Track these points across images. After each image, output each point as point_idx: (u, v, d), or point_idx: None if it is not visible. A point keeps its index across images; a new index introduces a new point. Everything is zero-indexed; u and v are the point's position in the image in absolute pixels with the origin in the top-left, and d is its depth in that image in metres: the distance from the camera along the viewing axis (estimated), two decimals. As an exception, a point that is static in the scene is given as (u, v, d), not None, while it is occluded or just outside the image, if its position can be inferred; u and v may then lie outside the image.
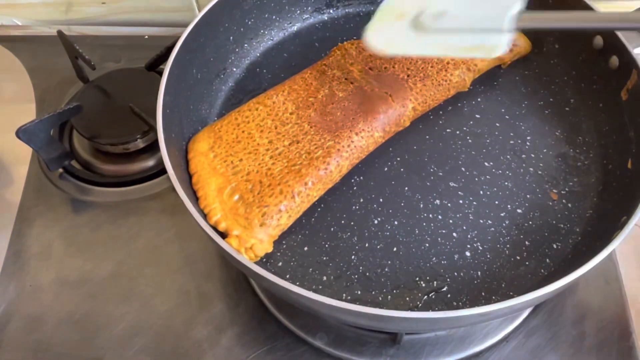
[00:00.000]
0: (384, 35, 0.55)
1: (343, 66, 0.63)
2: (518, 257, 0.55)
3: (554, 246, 0.56)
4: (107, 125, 0.71)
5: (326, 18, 0.76)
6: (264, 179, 0.55)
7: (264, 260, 0.55)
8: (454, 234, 0.56)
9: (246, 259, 0.47)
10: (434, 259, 0.55)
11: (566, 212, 0.58)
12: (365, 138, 0.58)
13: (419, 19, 0.55)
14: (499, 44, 0.52)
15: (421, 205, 0.58)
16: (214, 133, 0.59)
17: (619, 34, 0.59)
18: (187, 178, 0.57)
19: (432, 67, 0.64)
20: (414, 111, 0.62)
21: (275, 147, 0.57)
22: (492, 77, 0.68)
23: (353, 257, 0.55)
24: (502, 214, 0.58)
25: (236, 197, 0.54)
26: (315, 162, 0.56)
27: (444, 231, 0.56)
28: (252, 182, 0.54)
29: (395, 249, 0.55)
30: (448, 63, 0.64)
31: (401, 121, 0.61)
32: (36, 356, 0.59)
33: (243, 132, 0.58)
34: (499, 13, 0.52)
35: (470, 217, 0.58)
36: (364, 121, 0.59)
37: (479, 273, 0.54)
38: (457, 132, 0.63)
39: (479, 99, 0.66)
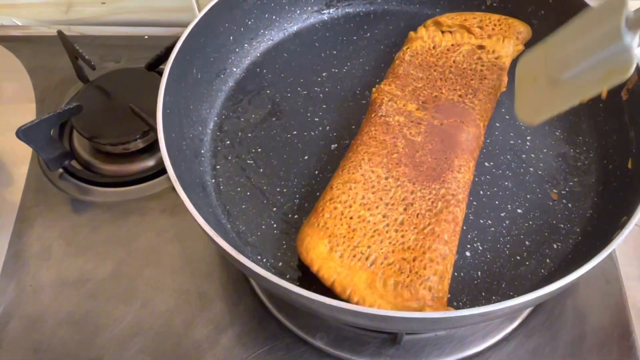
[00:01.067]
0: (531, 106, 0.54)
1: (400, 110, 0.60)
2: (518, 257, 0.55)
3: (554, 246, 0.56)
4: (107, 125, 0.71)
5: (326, 18, 0.76)
6: (405, 254, 0.51)
7: (264, 260, 0.56)
8: (454, 234, 0.56)
9: (246, 259, 0.46)
10: (434, 259, 0.55)
11: (566, 212, 0.58)
12: (465, 171, 0.56)
13: (552, 76, 0.53)
14: (628, 59, 0.47)
15: (421, 205, 0.58)
16: (323, 231, 0.52)
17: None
18: (193, 182, 0.56)
19: (472, 80, 0.63)
20: (484, 128, 0.61)
21: (393, 218, 0.53)
22: (492, 77, 0.68)
23: (353, 257, 0.55)
24: (502, 214, 0.58)
25: (391, 283, 0.49)
26: (442, 216, 0.53)
27: (444, 231, 0.56)
28: (396, 264, 0.50)
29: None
30: (482, 70, 0.64)
31: (480, 141, 0.60)
32: (36, 356, 0.59)
33: (351, 218, 0.53)
34: (612, 27, 0.48)
35: (470, 217, 0.58)
36: (456, 157, 0.56)
37: (479, 273, 0.54)
38: (457, 132, 0.63)
39: (479, 99, 0.66)
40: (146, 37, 0.88)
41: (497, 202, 0.59)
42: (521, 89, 0.55)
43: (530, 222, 0.57)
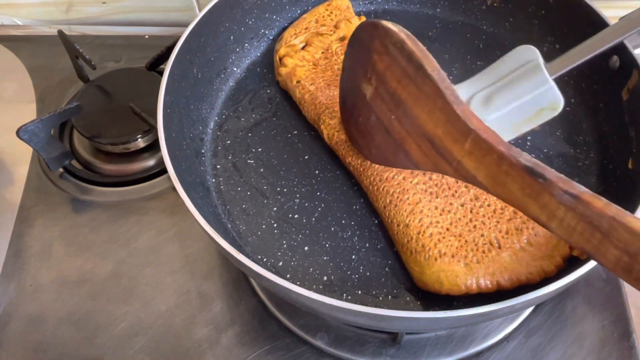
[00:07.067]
0: None
1: None
2: (518, 257, 0.55)
3: (555, 246, 0.56)
4: (108, 125, 0.71)
5: (326, 18, 0.76)
6: (505, 213, 0.53)
7: (264, 259, 0.56)
8: (455, 234, 0.56)
9: (246, 259, 0.46)
10: (435, 258, 0.55)
11: (566, 212, 0.58)
12: None
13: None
14: (557, 98, 0.54)
15: (421, 205, 0.58)
16: (447, 258, 0.50)
17: (620, 34, 0.59)
18: (194, 182, 0.56)
19: None
20: None
21: (468, 199, 0.53)
22: (493, 77, 0.68)
23: (354, 256, 0.55)
24: (502, 214, 0.58)
25: (525, 241, 0.51)
26: None
27: (444, 231, 0.56)
28: (510, 224, 0.52)
29: (395, 249, 0.55)
30: None
31: None
32: (36, 356, 0.59)
33: (448, 229, 0.52)
34: (530, 75, 0.54)
35: (471, 217, 0.57)
36: None
37: (480, 273, 0.54)
38: (458, 132, 0.63)
39: (479, 99, 0.66)
40: (146, 37, 0.88)
41: (497, 202, 0.59)
42: None
43: (531, 222, 0.57)
